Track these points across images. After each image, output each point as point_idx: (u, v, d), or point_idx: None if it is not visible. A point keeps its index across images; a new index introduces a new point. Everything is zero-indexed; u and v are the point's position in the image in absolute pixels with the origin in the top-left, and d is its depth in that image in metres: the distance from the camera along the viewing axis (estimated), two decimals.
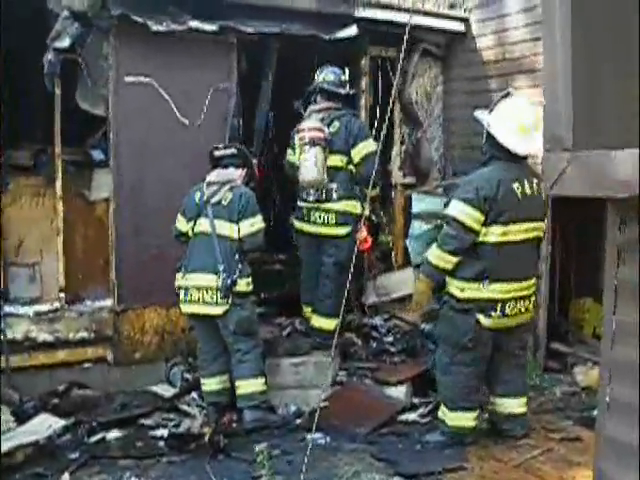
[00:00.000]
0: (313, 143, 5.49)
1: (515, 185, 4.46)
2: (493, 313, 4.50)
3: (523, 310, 4.62)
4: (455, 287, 4.54)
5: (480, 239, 4.47)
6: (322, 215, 5.73)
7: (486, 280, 4.47)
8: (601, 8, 2.33)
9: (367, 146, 5.68)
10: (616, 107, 2.29)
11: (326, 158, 5.57)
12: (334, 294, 5.61)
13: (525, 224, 4.53)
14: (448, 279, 4.57)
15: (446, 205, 4.60)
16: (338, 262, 5.63)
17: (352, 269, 4.06)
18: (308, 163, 5.48)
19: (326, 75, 5.84)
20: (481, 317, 4.51)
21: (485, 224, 4.45)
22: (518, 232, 4.52)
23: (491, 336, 4.57)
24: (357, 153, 5.70)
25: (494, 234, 4.46)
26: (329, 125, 5.70)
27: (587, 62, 2.26)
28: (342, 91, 5.81)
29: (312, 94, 5.89)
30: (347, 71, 5.92)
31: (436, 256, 4.55)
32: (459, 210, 4.46)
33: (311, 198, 5.71)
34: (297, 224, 5.93)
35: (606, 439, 2.43)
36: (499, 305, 4.50)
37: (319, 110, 5.80)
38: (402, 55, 3.68)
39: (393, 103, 6.88)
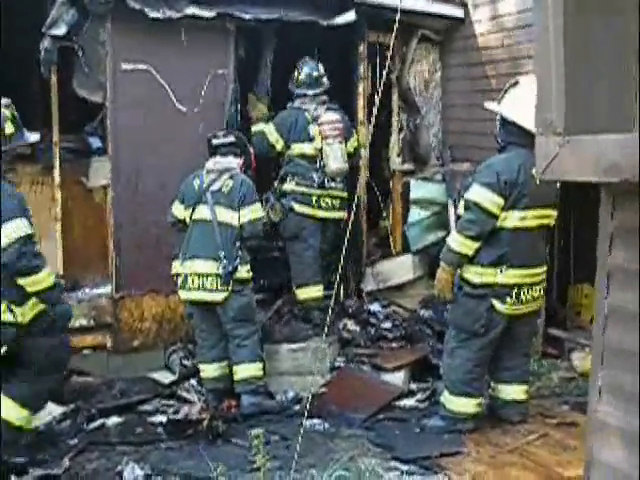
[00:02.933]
0: (341, 136, 5.98)
1: (534, 170, 4.43)
2: (508, 299, 4.51)
3: (535, 297, 4.64)
4: (473, 273, 4.53)
5: (499, 224, 4.47)
6: (330, 201, 6.11)
7: (503, 265, 4.47)
8: None
9: (356, 136, 6.29)
10: (608, 91, 2.28)
11: None
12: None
13: (540, 210, 4.54)
14: (465, 266, 4.56)
15: (466, 190, 4.58)
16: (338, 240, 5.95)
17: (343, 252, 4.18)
18: (338, 154, 5.95)
19: (299, 75, 6.16)
20: (496, 303, 4.51)
21: (504, 209, 4.45)
22: (534, 218, 4.53)
23: (503, 323, 4.58)
24: (352, 143, 6.24)
25: (513, 219, 4.46)
26: None
27: (579, 46, 2.26)
28: (309, 92, 6.11)
29: (296, 87, 6.19)
30: (320, 66, 6.21)
31: (458, 242, 4.51)
32: (480, 195, 4.44)
33: (340, 185, 6.11)
34: (303, 209, 6.07)
35: (598, 422, 2.44)
36: (514, 291, 4.51)
37: (322, 102, 6.13)
38: (392, 40, 3.66)
39: (390, 89, 6.89)
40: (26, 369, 4.17)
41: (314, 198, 6.05)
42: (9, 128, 4.07)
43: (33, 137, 4.39)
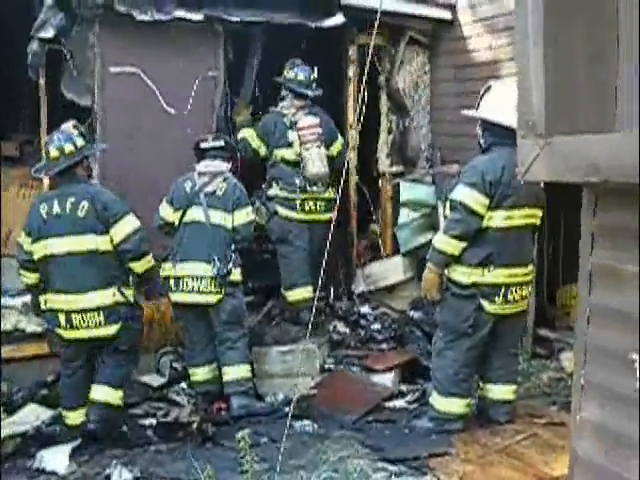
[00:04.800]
0: (319, 140, 5.91)
1: (518, 170, 4.46)
2: (496, 299, 4.54)
3: (523, 296, 4.67)
4: (460, 273, 4.56)
5: (485, 224, 4.50)
6: (314, 203, 6.09)
7: (490, 265, 4.50)
8: None
9: (341, 139, 6.32)
10: (588, 93, 2.30)
11: None
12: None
13: (526, 210, 4.58)
14: (452, 266, 4.58)
15: (451, 191, 4.61)
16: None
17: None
18: (317, 159, 5.93)
19: (297, 74, 6.07)
20: (484, 302, 4.54)
21: (490, 208, 4.48)
22: (520, 217, 4.56)
23: (491, 322, 4.61)
24: (336, 147, 6.25)
25: (498, 218, 4.49)
26: None
27: (559, 49, 2.28)
28: (310, 93, 6.08)
29: (281, 89, 6.16)
30: (315, 70, 6.11)
31: (443, 242, 4.54)
32: (465, 194, 4.48)
33: (321, 189, 6.08)
34: (287, 213, 6.07)
35: (581, 421, 2.47)
36: (502, 290, 4.54)
37: (302, 107, 6.08)
38: (373, 40, 3.65)
39: (379, 91, 6.91)
40: (120, 353, 4.73)
41: (297, 202, 6.07)
42: (80, 142, 4.76)
43: (100, 146, 5.24)
